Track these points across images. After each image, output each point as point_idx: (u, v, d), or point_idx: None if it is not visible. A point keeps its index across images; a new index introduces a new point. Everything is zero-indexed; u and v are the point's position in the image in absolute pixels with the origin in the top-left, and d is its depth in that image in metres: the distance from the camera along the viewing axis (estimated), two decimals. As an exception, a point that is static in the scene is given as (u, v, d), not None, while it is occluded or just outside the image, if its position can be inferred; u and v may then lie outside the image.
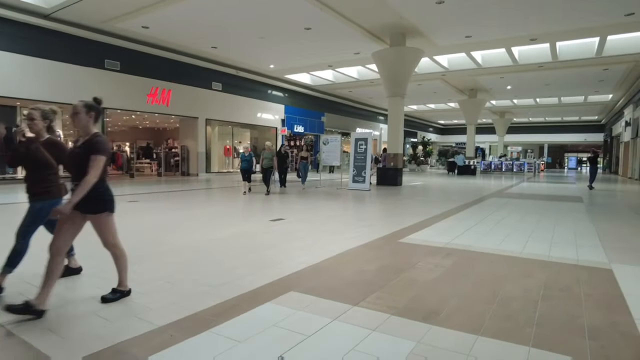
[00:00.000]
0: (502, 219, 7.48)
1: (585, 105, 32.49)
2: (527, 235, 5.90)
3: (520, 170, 28.65)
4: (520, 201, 10.94)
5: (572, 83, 23.43)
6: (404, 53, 15.39)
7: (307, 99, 27.71)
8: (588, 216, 8.03)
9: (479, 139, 46.44)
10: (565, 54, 17.98)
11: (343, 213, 8.17)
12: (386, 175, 15.97)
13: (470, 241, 5.38)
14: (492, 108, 34.85)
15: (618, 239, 5.77)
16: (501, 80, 23.61)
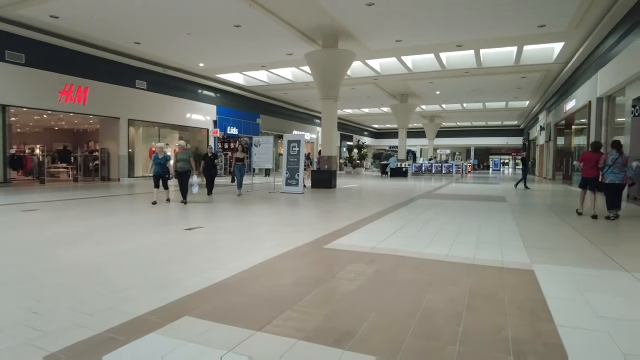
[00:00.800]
0: (430, 220, 7.43)
1: (506, 111, 34.79)
2: (453, 236, 5.81)
3: (449, 172, 29.91)
4: (449, 202, 11.14)
5: (495, 89, 24.84)
6: (336, 55, 15.28)
7: (242, 100, 26.89)
8: (511, 215, 8.26)
9: (411, 143, 48.12)
10: (489, 61, 18.93)
11: (271, 219, 7.69)
12: (321, 178, 15.74)
13: (397, 245, 5.16)
14: (423, 113, 36.18)
15: (538, 238, 5.86)
16: (431, 86, 24.45)
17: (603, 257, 4.66)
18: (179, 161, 9.98)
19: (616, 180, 7.84)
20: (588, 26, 13.72)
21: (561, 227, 6.93)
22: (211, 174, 12.22)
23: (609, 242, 5.55)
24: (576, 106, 18.71)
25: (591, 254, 4.83)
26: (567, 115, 20.77)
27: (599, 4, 11.96)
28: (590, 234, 6.20)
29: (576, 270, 4.07)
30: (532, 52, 17.87)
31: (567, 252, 4.95)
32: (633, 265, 4.27)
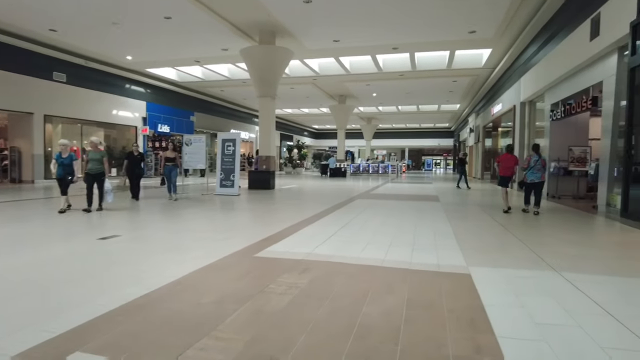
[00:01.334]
0: (366, 221, 7.30)
1: (438, 113, 36.36)
2: (389, 239, 5.68)
3: (385, 172, 30.61)
4: (385, 202, 11.19)
5: (428, 92, 25.74)
6: (273, 52, 14.86)
7: (174, 97, 25.52)
8: (445, 215, 8.38)
9: (349, 143, 48.85)
10: (423, 64, 19.49)
11: (200, 224, 7.12)
12: (258, 178, 15.24)
13: (333, 249, 4.90)
14: (360, 114, 36.78)
15: (471, 238, 5.90)
16: (368, 88, 24.79)
17: (533, 257, 4.73)
18: (89, 161, 8.44)
19: (536, 179, 8.85)
20: (512, 35, 14.52)
21: (492, 225, 7.10)
22: (136, 175, 10.79)
23: (538, 241, 5.71)
24: (502, 109, 19.86)
25: (522, 253, 4.90)
26: (494, 118, 22.01)
27: (521, 15, 12.67)
28: (520, 233, 6.38)
29: (510, 272, 4.05)
30: (462, 57, 18.66)
31: (500, 252, 4.98)
32: (560, 264, 4.35)
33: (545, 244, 5.48)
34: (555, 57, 12.07)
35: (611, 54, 9.06)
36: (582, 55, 10.07)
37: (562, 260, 4.53)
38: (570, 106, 11.45)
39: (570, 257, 4.75)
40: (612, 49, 8.89)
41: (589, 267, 4.31)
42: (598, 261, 4.63)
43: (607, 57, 9.25)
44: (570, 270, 4.13)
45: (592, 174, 10.25)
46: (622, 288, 3.61)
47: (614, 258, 4.84)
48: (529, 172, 8.91)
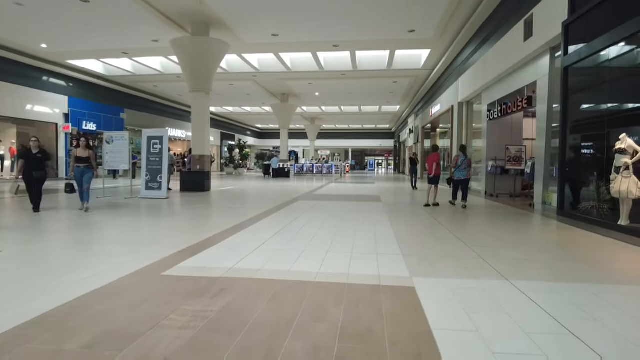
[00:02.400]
0: (304, 225, 6.69)
1: (379, 115, 36.77)
2: (327, 245, 5.10)
3: (329, 172, 30.33)
4: (326, 203, 10.68)
5: (369, 93, 25.73)
6: (206, 44, 13.86)
7: (102, 92, 23.46)
8: (386, 216, 7.99)
9: (293, 143, 48.28)
10: (364, 64, 19.31)
11: (106, 235, 6.08)
12: (191, 180, 14.13)
13: (261, 261, 4.22)
14: (304, 114, 36.30)
15: (414, 242, 5.48)
16: (310, 86, 24.31)
17: (480, 262, 4.36)
18: None
19: (462, 177, 9.92)
20: (450, 35, 14.63)
21: (434, 227, 6.78)
22: (36, 179, 8.26)
23: (482, 243, 5.40)
24: (440, 110, 20.19)
25: (468, 258, 4.52)
26: (432, 119, 22.39)
27: (459, 15, 12.72)
28: (463, 234, 6.07)
29: (457, 282, 3.60)
30: (402, 58, 18.70)
31: (445, 257, 4.56)
32: (508, 270, 4.00)
33: (490, 246, 5.17)
34: (491, 58, 12.23)
35: (544, 55, 9.18)
36: (517, 56, 10.18)
37: (509, 265, 4.19)
38: (507, 106, 11.62)
39: (516, 261, 4.43)
40: (545, 49, 9.01)
41: (536, 273, 3.98)
42: (544, 265, 4.34)
43: (541, 58, 9.38)
44: (519, 277, 3.77)
45: (529, 173, 10.39)
46: (575, 297, 3.26)
47: (559, 260, 4.59)
48: (457, 170, 9.91)
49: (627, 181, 6.49)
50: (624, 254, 4.97)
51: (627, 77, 6.93)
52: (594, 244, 5.61)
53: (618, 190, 6.56)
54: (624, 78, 6.92)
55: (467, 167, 9.88)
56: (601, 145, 7.31)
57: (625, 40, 6.23)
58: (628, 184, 6.47)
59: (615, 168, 6.68)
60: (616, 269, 4.26)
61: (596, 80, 7.47)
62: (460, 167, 9.86)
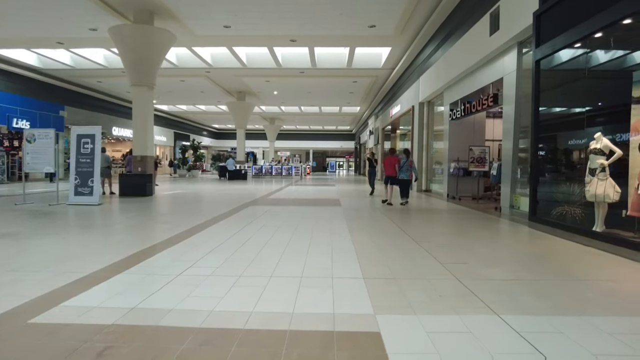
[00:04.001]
0: (248, 239, 5.67)
1: (340, 116, 36.18)
2: (271, 267, 4.13)
3: (288, 173, 29.32)
4: (282, 208, 9.70)
5: (329, 92, 24.99)
6: (149, 34, 12.53)
7: (36, 86, 21.24)
8: (346, 225, 7.12)
9: (252, 144, 46.98)
10: (323, 62, 18.51)
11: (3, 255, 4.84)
12: (131, 183, 12.70)
13: (176, 298, 3.15)
14: (263, 114, 35.11)
15: (377, 258, 4.61)
16: (267, 84, 23.24)
17: (457, 286, 3.55)
18: None
19: (405, 177, 10.79)
20: (411, 32, 14.06)
21: (399, 236, 5.97)
22: None
23: (455, 258, 4.62)
24: (400, 111, 19.70)
25: (442, 281, 3.70)
26: (392, 120, 21.91)
27: (420, 10, 12.12)
28: (432, 247, 5.28)
29: (434, 321, 2.74)
30: (362, 57, 18.06)
31: (414, 281, 3.71)
32: (493, 299, 3.20)
33: (466, 262, 4.40)
34: (454, 55, 11.70)
35: (511, 50, 8.66)
36: (482, 52, 9.64)
37: (495, 291, 3.40)
38: (470, 105, 11.11)
39: (502, 284, 3.65)
40: (512, 44, 8.48)
41: (532, 302, 3.18)
42: (538, 289, 3.57)
43: (507, 53, 8.86)
44: (513, 309, 2.97)
45: (495, 175, 9.88)
46: (597, 340, 2.49)
47: (551, 281, 3.86)
48: (400, 171, 10.79)
49: (603, 184, 5.97)
50: (615, 268, 4.34)
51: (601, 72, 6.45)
52: (580, 255, 4.99)
53: (594, 193, 6.03)
54: (599, 74, 6.44)
55: (410, 168, 10.76)
56: (575, 146, 6.81)
57: (602, 31, 5.69)
58: (604, 186, 5.95)
59: (590, 170, 6.15)
60: (621, 291, 3.58)
61: (569, 76, 6.97)
62: (403, 168, 10.73)
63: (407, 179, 10.81)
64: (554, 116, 7.50)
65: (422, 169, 16.49)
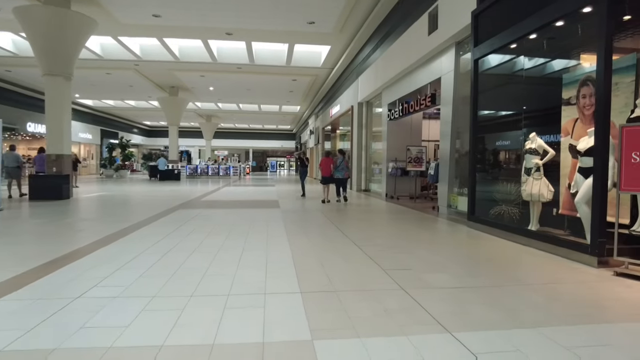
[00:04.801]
0: (170, 249, 5.00)
1: (280, 115, 35.56)
2: (194, 283, 3.56)
3: (226, 173, 28.24)
4: (214, 212, 9.02)
5: (268, 90, 24.34)
6: (63, 17, 11.18)
7: None
8: (284, 229, 6.66)
9: (187, 142, 44.94)
10: (261, 58, 17.89)
11: None
12: (44, 185, 11.26)
13: (68, 330, 2.49)
14: (199, 111, 33.57)
15: (316, 268, 4.20)
16: (202, 80, 22.11)
17: (402, 296, 3.23)
18: None
19: (340, 176, 11.44)
20: (351, 31, 13.89)
21: (338, 239, 5.63)
22: None
23: (398, 263, 4.34)
24: (340, 111, 19.60)
25: (386, 291, 3.37)
26: (332, 120, 21.79)
27: (360, 7, 11.95)
28: (371, 249, 4.98)
29: (380, 345, 2.37)
30: (302, 55, 17.66)
31: (356, 294, 3.34)
32: (442, 311, 2.91)
33: (410, 269, 4.12)
34: (393, 54, 11.67)
35: (449, 49, 8.69)
36: (420, 51, 9.63)
37: (442, 302, 3.12)
38: (409, 105, 11.12)
39: (451, 293, 3.40)
40: (450, 43, 8.50)
41: (483, 314, 2.94)
42: (485, 298, 3.35)
43: (445, 53, 8.89)
44: (464, 324, 2.69)
45: (432, 174, 9.92)
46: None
47: (499, 289, 3.67)
48: (336, 170, 11.36)
49: (538, 183, 6.04)
50: (555, 269, 4.29)
51: (536, 75, 6.56)
52: (520, 256, 4.94)
53: (530, 193, 6.08)
54: (534, 76, 6.54)
55: (345, 167, 11.44)
56: (511, 146, 6.89)
57: (538, 32, 5.73)
58: (539, 186, 6.02)
59: (526, 169, 6.21)
60: (565, 294, 3.45)
61: (505, 78, 7.05)
62: (339, 168, 11.32)
63: (343, 177, 11.46)
64: (491, 117, 7.58)
65: (362, 169, 16.45)
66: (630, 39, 5.34)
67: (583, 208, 4.92)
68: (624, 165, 4.03)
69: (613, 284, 3.77)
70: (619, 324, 2.81)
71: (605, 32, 4.37)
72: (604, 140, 4.33)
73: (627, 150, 4.00)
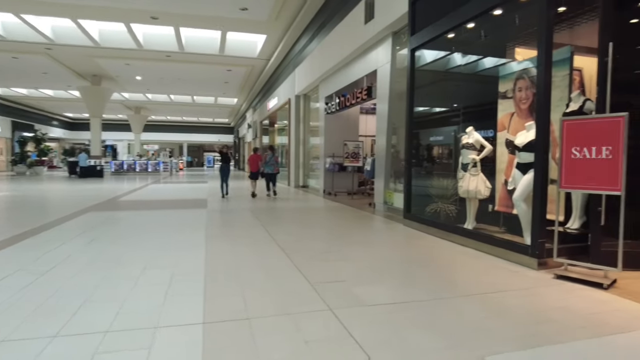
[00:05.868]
0: (55, 265, 4.05)
1: (216, 107, 33.99)
2: (66, 315, 2.75)
3: (156, 170, 26.44)
4: (128, 214, 8.00)
5: (202, 81, 23.00)
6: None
7: None
8: (204, 233, 5.91)
9: (115, 136, 41.83)
10: (192, 46, 16.68)
11: None
12: None
13: None
14: (126, 102, 31.12)
15: (232, 287, 3.55)
16: (128, 68, 20.31)
17: (331, 323, 2.70)
18: None
19: (270, 171, 11.65)
20: (287, 20, 13.21)
21: (265, 244, 5.01)
22: None
23: (329, 275, 3.82)
24: (277, 104, 18.89)
25: (311, 316, 2.82)
26: (270, 113, 21.02)
27: (294, -4, 11.36)
28: (302, 257, 4.42)
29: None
30: (236, 43, 16.68)
31: (274, 321, 2.75)
32: (381, 343, 2.41)
33: (340, 279, 3.60)
34: (329, 45, 11.18)
35: (385, 40, 8.33)
36: (357, 41, 9.21)
37: (376, 325, 2.62)
38: (345, 98, 10.70)
39: (384, 311, 2.91)
40: (387, 33, 8.14)
41: (421, 341, 2.46)
42: (425, 317, 2.90)
43: (382, 43, 8.52)
44: (399, 358, 2.19)
45: (369, 170, 9.58)
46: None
47: (439, 304, 3.24)
48: (266, 166, 11.57)
49: (475, 179, 5.80)
50: (496, 273, 3.98)
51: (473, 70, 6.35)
52: (458, 259, 4.62)
53: (467, 189, 5.84)
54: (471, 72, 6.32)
55: (275, 163, 11.66)
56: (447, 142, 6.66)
57: (476, 20, 5.46)
58: (476, 182, 5.79)
59: (462, 165, 5.97)
60: (513, 306, 3.10)
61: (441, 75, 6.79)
62: (269, 163, 11.53)
63: (273, 172, 11.66)
64: (427, 113, 7.32)
65: (300, 165, 15.91)
66: (565, 33, 5.21)
67: (521, 206, 4.71)
68: (564, 161, 3.79)
69: (555, 289, 3.51)
70: (569, 343, 2.47)
71: (546, 20, 4.11)
72: (544, 134, 4.08)
73: (567, 145, 3.76)
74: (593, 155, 3.58)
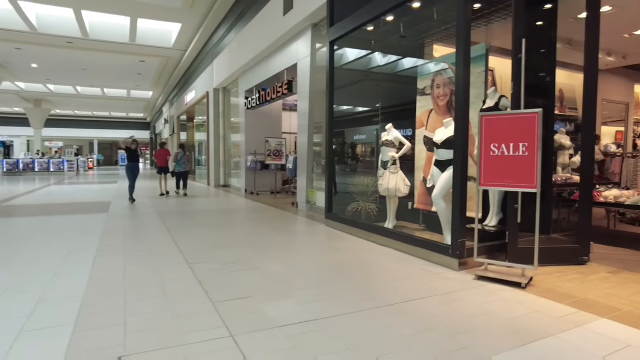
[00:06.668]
0: None
1: (129, 101, 31.44)
2: None
3: (60, 169, 23.76)
4: (11, 221, 6.79)
5: (112, 72, 21.00)
6: None
7: None
8: (97, 242, 5.08)
9: (10, 132, 37.14)
10: (98, 33, 15.02)
11: None
12: None
13: None
14: (22, 93, 27.54)
15: (114, 308, 2.93)
16: (20, 54, 17.83)
17: (229, 356, 2.21)
18: None
19: (182, 169, 11.62)
20: (203, 8, 12.33)
21: (168, 255, 4.38)
22: None
23: (238, 291, 3.31)
24: (195, 98, 17.81)
25: (206, 344, 2.33)
26: (187, 108, 19.80)
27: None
28: (211, 271, 3.88)
29: None
30: (149, 32, 15.34)
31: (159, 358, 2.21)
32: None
33: (248, 295, 3.13)
34: (248, 36, 10.59)
35: (305, 32, 7.97)
36: (276, 33, 8.75)
37: (282, 354, 2.20)
38: (266, 92, 10.19)
39: (295, 334, 2.50)
40: (307, 25, 7.79)
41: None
42: (342, 340, 2.54)
43: (302, 36, 8.15)
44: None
45: (291, 168, 9.18)
46: None
47: (358, 321, 2.90)
48: (177, 164, 11.53)
49: (395, 177, 5.65)
50: (418, 276, 3.77)
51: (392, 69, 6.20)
52: (379, 261, 4.37)
53: (387, 187, 5.67)
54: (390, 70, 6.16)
55: (186, 161, 11.65)
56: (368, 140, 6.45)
57: (395, 12, 5.27)
58: (396, 180, 5.64)
59: (383, 163, 5.80)
60: (438, 315, 2.85)
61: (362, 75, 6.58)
62: (180, 162, 11.46)
63: (184, 170, 11.62)
64: (350, 112, 7.09)
65: (220, 163, 15.09)
66: (481, 31, 5.22)
67: (441, 204, 4.58)
68: (484, 158, 3.67)
69: (477, 292, 3.35)
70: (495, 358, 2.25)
71: (464, 13, 3.97)
72: (464, 131, 3.95)
73: (486, 141, 3.64)
74: (511, 152, 3.48)
